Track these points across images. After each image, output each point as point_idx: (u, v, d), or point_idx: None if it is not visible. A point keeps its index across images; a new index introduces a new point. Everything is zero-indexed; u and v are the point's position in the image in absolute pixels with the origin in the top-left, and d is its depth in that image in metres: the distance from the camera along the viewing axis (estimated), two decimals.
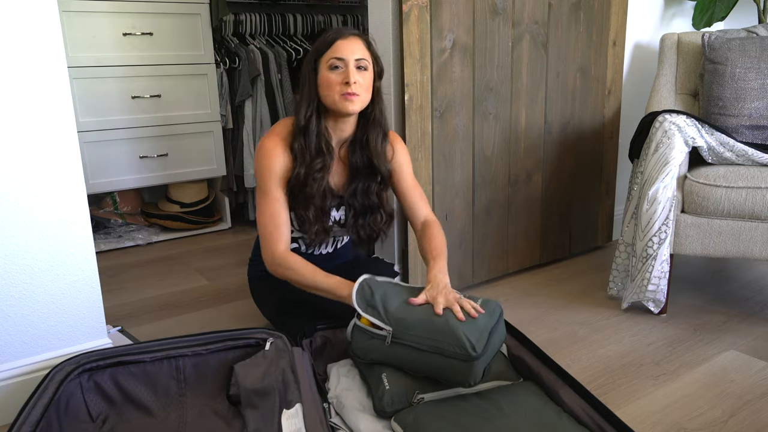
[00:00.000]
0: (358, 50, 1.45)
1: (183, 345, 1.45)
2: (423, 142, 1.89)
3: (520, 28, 2.05)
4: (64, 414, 1.28)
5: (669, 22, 2.63)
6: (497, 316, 1.36)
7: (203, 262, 2.54)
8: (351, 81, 1.43)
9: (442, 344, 1.26)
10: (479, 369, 1.26)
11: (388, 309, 1.34)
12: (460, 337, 1.25)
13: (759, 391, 1.49)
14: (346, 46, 1.44)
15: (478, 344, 1.25)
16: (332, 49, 1.44)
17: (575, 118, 2.30)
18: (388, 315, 1.33)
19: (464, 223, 2.07)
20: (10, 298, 1.39)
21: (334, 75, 1.44)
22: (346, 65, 1.44)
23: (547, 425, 1.17)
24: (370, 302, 1.37)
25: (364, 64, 1.46)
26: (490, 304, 1.38)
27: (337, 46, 1.44)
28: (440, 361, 1.27)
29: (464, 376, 1.25)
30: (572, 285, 2.19)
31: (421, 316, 1.32)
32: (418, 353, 1.29)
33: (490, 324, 1.32)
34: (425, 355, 1.28)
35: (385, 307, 1.35)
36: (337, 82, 1.44)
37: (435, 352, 1.27)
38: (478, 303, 1.37)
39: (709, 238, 1.81)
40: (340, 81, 1.44)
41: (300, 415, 1.16)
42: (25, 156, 1.34)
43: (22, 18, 1.29)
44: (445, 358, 1.26)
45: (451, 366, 1.26)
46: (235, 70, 2.92)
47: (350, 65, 1.44)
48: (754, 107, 1.92)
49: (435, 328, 1.29)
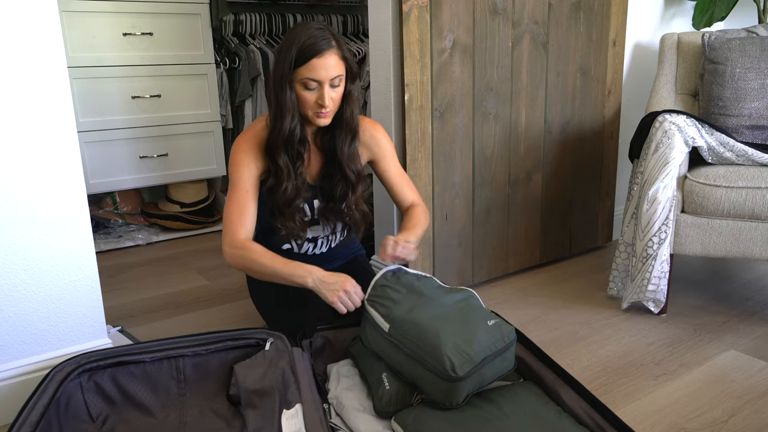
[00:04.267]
0: (333, 68, 1.42)
1: (183, 345, 1.45)
2: (423, 142, 1.89)
3: (520, 28, 2.05)
4: (64, 414, 1.28)
5: (669, 22, 2.63)
6: (504, 343, 1.25)
7: (203, 262, 2.54)
8: (325, 104, 1.43)
9: (425, 355, 1.22)
10: (461, 392, 1.19)
11: (397, 306, 1.33)
12: (441, 354, 1.18)
13: (759, 391, 1.49)
14: (322, 67, 1.40)
15: (462, 367, 1.17)
16: (307, 68, 1.40)
17: (575, 118, 2.30)
18: (392, 311, 1.32)
19: (464, 223, 2.07)
20: (10, 298, 1.39)
21: (308, 94, 1.44)
22: (321, 86, 1.42)
23: (547, 425, 1.17)
24: (383, 294, 1.36)
25: (338, 81, 1.45)
26: (503, 329, 1.27)
27: (313, 65, 1.40)
28: (423, 372, 1.23)
29: (444, 394, 1.20)
30: (572, 285, 2.19)
31: (421, 319, 1.28)
32: (405, 357, 1.26)
33: (490, 349, 1.22)
34: (411, 361, 1.25)
35: (395, 303, 1.34)
36: (311, 100, 1.44)
37: (418, 361, 1.23)
38: (492, 323, 1.27)
39: (709, 238, 1.81)
40: (314, 100, 1.44)
41: (300, 415, 1.16)
42: (25, 156, 1.34)
43: (22, 18, 1.29)
44: (427, 371, 1.22)
45: (433, 381, 1.21)
46: (235, 70, 2.92)
47: (325, 86, 1.43)
48: (754, 107, 1.92)
49: (425, 336, 1.23)
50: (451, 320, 1.27)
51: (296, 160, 1.52)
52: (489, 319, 1.29)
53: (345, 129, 1.54)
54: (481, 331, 1.24)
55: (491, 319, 1.29)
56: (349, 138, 1.55)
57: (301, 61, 1.41)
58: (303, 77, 1.42)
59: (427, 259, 2.00)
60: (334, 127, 1.54)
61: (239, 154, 1.52)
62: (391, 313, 1.33)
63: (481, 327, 1.26)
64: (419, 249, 1.95)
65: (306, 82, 1.42)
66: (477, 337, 1.22)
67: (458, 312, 1.31)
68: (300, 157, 1.52)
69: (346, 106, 1.51)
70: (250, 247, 1.48)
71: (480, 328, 1.25)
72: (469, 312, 1.31)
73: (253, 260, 1.47)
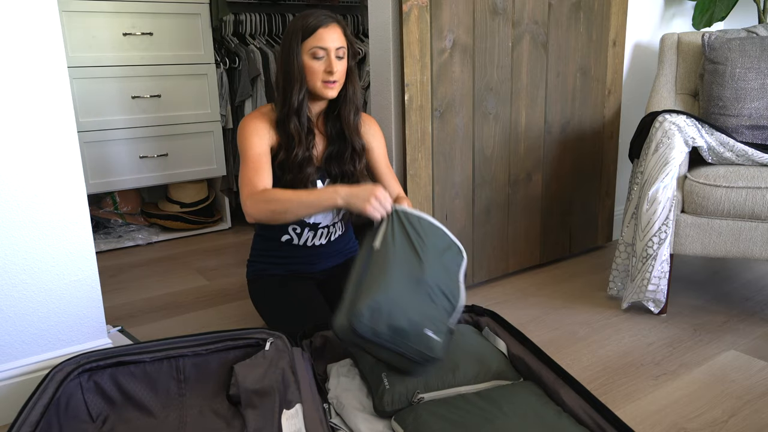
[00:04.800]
0: (338, 39, 1.53)
1: (183, 345, 1.45)
2: (423, 142, 1.89)
3: (520, 28, 2.05)
4: (64, 414, 1.28)
5: (669, 22, 2.63)
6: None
7: (203, 262, 2.54)
8: (334, 70, 1.52)
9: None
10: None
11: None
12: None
13: (759, 391, 1.49)
14: (328, 36, 1.51)
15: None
16: (315, 38, 1.51)
17: (575, 118, 2.30)
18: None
19: (464, 223, 2.07)
20: (10, 298, 1.39)
21: (316, 64, 1.52)
22: (328, 54, 1.52)
23: (547, 425, 1.17)
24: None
25: (342, 53, 1.55)
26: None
27: (320, 35, 1.50)
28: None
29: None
30: (572, 285, 2.19)
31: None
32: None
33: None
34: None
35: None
36: (319, 70, 1.52)
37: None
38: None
39: (709, 238, 1.81)
40: (323, 69, 1.52)
41: (300, 415, 1.16)
42: (25, 156, 1.34)
43: (22, 18, 1.29)
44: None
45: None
46: (235, 70, 2.92)
47: (332, 55, 1.52)
48: (754, 107, 1.92)
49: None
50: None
51: (306, 130, 1.57)
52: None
53: (349, 104, 1.62)
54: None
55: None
56: (353, 111, 1.64)
57: (309, 33, 1.51)
58: (311, 47, 1.51)
59: None
60: (338, 104, 1.63)
61: (248, 128, 1.56)
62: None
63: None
64: None
65: (314, 51, 1.51)
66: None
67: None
68: (310, 132, 1.58)
69: (348, 84, 1.60)
70: (271, 190, 1.49)
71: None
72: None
73: (275, 199, 1.46)
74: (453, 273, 1.40)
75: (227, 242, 2.83)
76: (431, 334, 1.28)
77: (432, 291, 1.32)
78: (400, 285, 1.28)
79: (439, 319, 1.31)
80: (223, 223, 3.04)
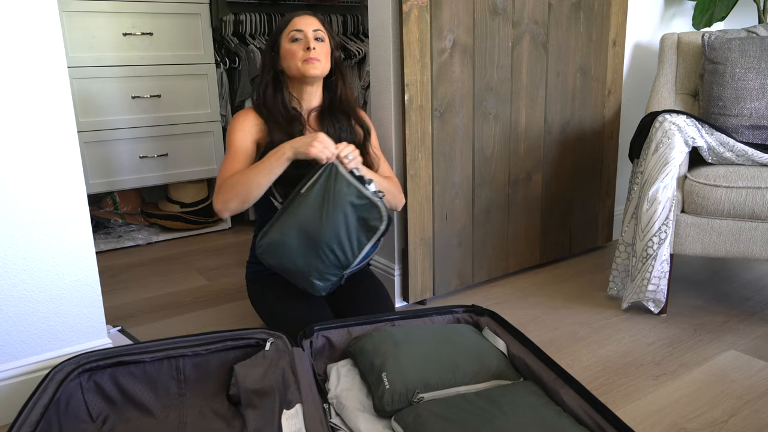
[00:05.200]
0: (314, 24, 1.64)
1: (183, 345, 1.45)
2: (423, 142, 1.89)
3: (520, 28, 2.05)
4: (64, 414, 1.28)
5: (669, 22, 2.63)
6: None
7: (203, 262, 2.54)
8: (311, 47, 1.61)
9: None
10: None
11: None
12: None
13: (759, 391, 1.49)
14: (303, 21, 1.63)
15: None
16: (291, 24, 1.64)
17: (575, 118, 2.30)
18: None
19: (464, 223, 2.07)
20: (10, 298, 1.39)
21: (294, 46, 1.63)
22: (305, 35, 1.62)
23: (547, 425, 1.17)
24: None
25: (320, 36, 1.64)
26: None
27: (295, 21, 1.64)
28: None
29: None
30: (572, 285, 2.19)
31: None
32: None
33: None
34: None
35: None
36: (298, 50, 1.62)
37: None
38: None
39: (709, 238, 1.81)
40: (302, 48, 1.62)
41: (300, 415, 1.16)
42: (25, 156, 1.34)
43: (22, 18, 1.29)
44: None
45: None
46: (235, 70, 2.92)
47: (309, 35, 1.62)
48: (754, 107, 1.92)
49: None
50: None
51: (292, 119, 1.64)
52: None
53: (344, 101, 1.72)
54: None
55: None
56: (347, 105, 1.73)
57: (286, 23, 1.65)
58: (289, 32, 1.63)
59: (427, 259, 2.00)
60: (333, 103, 1.71)
61: (235, 123, 1.67)
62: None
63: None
64: (420, 249, 1.96)
65: (292, 34, 1.63)
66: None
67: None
68: (295, 120, 1.64)
69: (338, 74, 1.70)
70: (231, 176, 1.57)
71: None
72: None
73: (235, 181, 1.54)
74: (359, 237, 1.54)
75: (227, 242, 2.83)
76: (314, 280, 1.54)
77: (323, 251, 1.51)
78: (296, 237, 1.50)
79: (326, 271, 1.54)
80: (223, 223, 3.04)
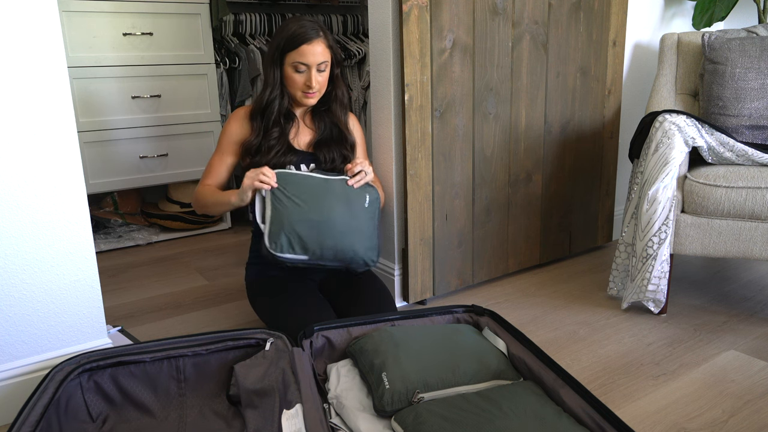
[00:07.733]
0: (320, 54, 1.64)
1: (183, 345, 1.45)
2: (423, 142, 1.89)
3: (520, 28, 2.05)
4: (64, 414, 1.29)
5: (669, 22, 2.63)
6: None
7: (203, 262, 2.54)
8: (313, 85, 1.65)
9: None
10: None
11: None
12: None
13: (759, 391, 1.49)
14: (310, 52, 1.62)
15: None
16: (298, 53, 1.63)
17: (575, 118, 2.30)
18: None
19: (464, 223, 2.07)
20: (10, 298, 1.39)
21: (297, 76, 1.66)
22: (309, 69, 1.64)
23: (547, 425, 1.17)
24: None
25: (323, 67, 1.67)
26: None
27: (303, 51, 1.62)
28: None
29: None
30: (572, 285, 2.19)
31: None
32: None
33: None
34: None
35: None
36: (300, 82, 1.66)
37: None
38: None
39: (709, 238, 1.81)
40: (303, 81, 1.66)
41: (300, 415, 1.16)
42: (25, 156, 1.34)
43: (22, 18, 1.29)
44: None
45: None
46: (235, 70, 2.92)
47: (312, 70, 1.65)
48: (754, 107, 1.92)
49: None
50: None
51: (273, 124, 1.69)
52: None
53: (339, 104, 1.77)
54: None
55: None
56: (344, 111, 1.79)
57: (292, 47, 1.63)
58: (294, 61, 1.64)
59: (427, 259, 2.00)
60: (329, 104, 1.77)
61: (228, 121, 1.76)
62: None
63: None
64: (420, 249, 1.96)
65: (296, 65, 1.64)
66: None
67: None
68: (277, 124, 1.70)
69: (335, 87, 1.75)
70: (200, 192, 1.72)
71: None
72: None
73: (203, 200, 1.71)
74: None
75: (227, 242, 2.83)
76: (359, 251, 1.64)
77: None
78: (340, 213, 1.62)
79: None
80: (223, 223, 3.04)
